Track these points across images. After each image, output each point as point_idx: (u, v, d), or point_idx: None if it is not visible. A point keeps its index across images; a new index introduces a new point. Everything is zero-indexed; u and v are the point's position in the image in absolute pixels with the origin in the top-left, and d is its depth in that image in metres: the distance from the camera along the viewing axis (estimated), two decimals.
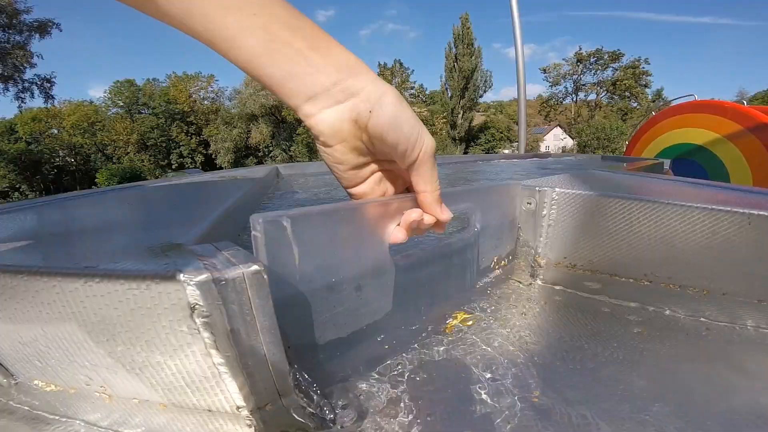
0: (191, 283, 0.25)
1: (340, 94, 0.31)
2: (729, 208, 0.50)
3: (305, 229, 0.34)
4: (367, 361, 0.45)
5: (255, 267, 0.27)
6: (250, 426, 0.33)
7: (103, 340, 0.31)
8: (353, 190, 0.39)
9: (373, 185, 0.39)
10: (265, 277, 0.27)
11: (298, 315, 0.37)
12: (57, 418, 0.39)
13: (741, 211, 0.50)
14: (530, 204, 0.67)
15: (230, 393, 0.31)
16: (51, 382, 0.38)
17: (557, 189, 0.65)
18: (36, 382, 0.38)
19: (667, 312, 0.58)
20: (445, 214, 0.40)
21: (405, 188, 0.42)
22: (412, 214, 0.39)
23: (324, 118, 0.32)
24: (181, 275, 0.25)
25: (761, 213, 0.48)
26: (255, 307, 0.27)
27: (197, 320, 0.26)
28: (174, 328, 0.27)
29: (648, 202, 0.56)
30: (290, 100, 0.32)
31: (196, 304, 0.25)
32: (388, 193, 0.41)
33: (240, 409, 0.32)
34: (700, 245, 0.54)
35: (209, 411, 0.33)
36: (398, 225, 0.40)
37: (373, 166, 0.38)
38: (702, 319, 0.55)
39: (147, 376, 0.32)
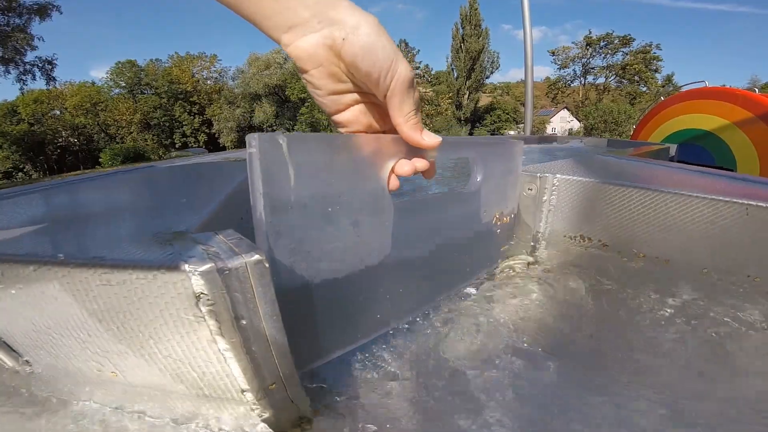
0: (196, 272, 0.26)
1: (317, 24, 0.33)
2: (728, 199, 0.51)
3: (301, 151, 0.34)
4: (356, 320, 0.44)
5: (257, 256, 0.27)
6: (254, 409, 0.34)
7: (113, 328, 0.32)
8: (336, 117, 0.39)
9: (357, 114, 0.39)
10: (267, 265, 0.28)
11: (291, 243, 0.35)
12: (70, 400, 0.40)
13: (739, 201, 0.50)
14: (531, 190, 0.67)
15: (235, 377, 0.32)
16: (63, 369, 0.39)
17: (558, 175, 0.65)
18: (48, 369, 0.40)
19: (659, 287, 0.59)
20: (429, 139, 0.39)
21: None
22: (404, 167, 0.41)
23: (300, 44, 0.34)
24: (186, 265, 0.25)
25: (759, 204, 0.49)
26: (258, 295, 0.28)
27: (203, 308, 0.27)
28: (181, 317, 0.28)
29: (648, 190, 0.56)
30: (271, 32, 0.34)
31: (201, 293, 0.26)
32: (373, 127, 0.41)
33: (245, 392, 0.33)
34: (698, 231, 0.54)
35: (216, 392, 0.34)
36: (393, 173, 0.41)
37: (356, 96, 0.38)
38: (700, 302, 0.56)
39: (156, 362, 0.33)
